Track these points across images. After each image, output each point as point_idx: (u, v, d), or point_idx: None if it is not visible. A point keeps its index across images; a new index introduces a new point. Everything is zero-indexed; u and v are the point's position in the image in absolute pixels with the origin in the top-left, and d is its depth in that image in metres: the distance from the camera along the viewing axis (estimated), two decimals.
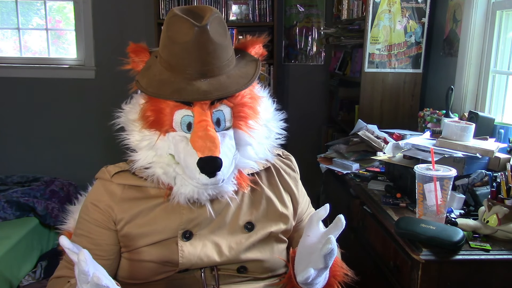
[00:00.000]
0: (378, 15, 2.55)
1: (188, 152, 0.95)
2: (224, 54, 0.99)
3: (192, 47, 0.94)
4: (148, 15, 3.52)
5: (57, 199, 2.92)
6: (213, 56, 0.96)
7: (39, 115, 3.76)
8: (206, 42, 0.94)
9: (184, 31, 0.94)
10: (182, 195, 1.00)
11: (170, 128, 1.00)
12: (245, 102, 1.03)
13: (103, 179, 1.08)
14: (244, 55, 1.09)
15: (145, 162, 1.03)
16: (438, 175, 1.29)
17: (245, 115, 1.03)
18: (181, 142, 0.98)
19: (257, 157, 1.08)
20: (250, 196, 1.11)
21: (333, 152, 2.17)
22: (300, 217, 1.22)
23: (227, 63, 0.99)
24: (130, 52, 1.05)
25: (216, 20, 0.98)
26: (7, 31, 3.78)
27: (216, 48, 0.96)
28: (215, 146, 0.94)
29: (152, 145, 1.01)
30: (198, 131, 0.95)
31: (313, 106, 3.85)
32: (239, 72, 1.02)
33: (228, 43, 1.00)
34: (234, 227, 1.07)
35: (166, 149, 1.01)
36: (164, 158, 1.01)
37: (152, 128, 1.01)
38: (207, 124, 0.96)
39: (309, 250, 0.96)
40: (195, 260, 1.02)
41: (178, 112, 0.99)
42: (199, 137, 0.95)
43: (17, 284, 2.40)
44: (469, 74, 2.29)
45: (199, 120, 0.96)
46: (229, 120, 1.02)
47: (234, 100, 1.02)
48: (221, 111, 1.00)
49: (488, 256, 1.23)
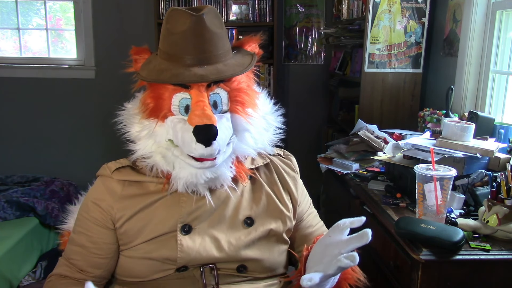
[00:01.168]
0: (378, 15, 2.55)
1: (185, 129, 0.98)
2: (221, 43, 1.02)
3: (189, 34, 0.98)
4: (148, 15, 3.52)
5: (57, 199, 2.92)
6: (210, 44, 0.99)
7: (39, 115, 3.75)
8: (202, 29, 0.98)
9: (181, 20, 0.99)
10: (181, 180, 1.01)
11: (168, 112, 1.02)
12: (241, 88, 1.06)
13: (104, 176, 1.10)
14: (240, 50, 1.12)
15: (144, 151, 1.05)
16: (438, 175, 1.29)
17: (242, 100, 1.06)
18: (179, 123, 1.00)
19: (255, 145, 1.10)
20: (250, 191, 1.12)
21: (333, 152, 2.17)
22: (301, 217, 1.21)
23: (223, 53, 1.02)
24: (133, 54, 1.08)
25: (212, 12, 1.02)
26: (7, 31, 3.78)
27: (213, 36, 1.00)
28: (211, 121, 0.96)
29: (151, 133, 1.04)
30: (195, 110, 0.98)
31: (313, 106, 3.85)
32: (235, 62, 1.05)
33: (224, 34, 1.04)
34: (234, 222, 1.08)
35: (164, 135, 1.03)
36: (163, 144, 1.03)
37: (151, 116, 1.04)
38: (204, 104, 0.98)
39: (325, 251, 0.95)
40: (194, 254, 1.03)
41: (176, 96, 1.01)
42: (196, 115, 0.97)
43: (17, 284, 2.40)
44: (469, 74, 2.29)
45: (196, 101, 0.99)
46: (226, 104, 1.04)
47: (231, 85, 1.04)
48: (217, 94, 1.02)
49: (488, 256, 1.23)
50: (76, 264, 1.08)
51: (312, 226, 1.24)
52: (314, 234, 1.23)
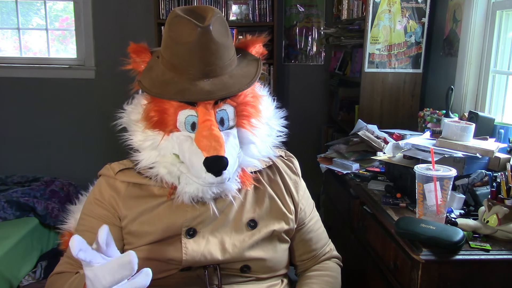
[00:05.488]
0: (378, 15, 2.55)
1: (193, 151, 0.96)
2: (226, 54, 0.99)
3: (195, 47, 0.95)
4: (148, 15, 3.52)
5: (57, 199, 2.92)
6: (216, 56, 0.97)
7: (39, 115, 3.75)
8: (208, 42, 0.95)
9: (186, 31, 0.95)
10: (187, 194, 1.00)
11: (174, 128, 1.00)
12: (247, 101, 1.04)
13: (107, 176, 1.09)
14: (245, 54, 1.09)
15: (148, 162, 1.04)
16: (438, 175, 1.29)
17: (248, 114, 1.04)
18: (186, 142, 0.98)
19: (260, 155, 1.09)
20: (253, 194, 1.12)
21: (333, 152, 2.17)
22: (302, 221, 1.21)
23: (229, 63, 1.00)
24: (131, 52, 1.06)
25: (218, 20, 0.98)
26: (7, 31, 3.78)
27: (219, 48, 0.97)
28: (220, 145, 0.94)
29: (155, 145, 1.02)
30: (203, 130, 0.96)
31: (313, 106, 3.85)
32: (241, 71, 1.02)
33: (230, 43, 1.01)
34: (238, 225, 1.08)
35: (170, 149, 1.01)
36: (168, 157, 1.02)
37: (155, 128, 1.02)
38: (211, 124, 0.96)
39: None
40: (199, 257, 1.03)
41: (182, 112, 0.99)
42: (204, 137, 0.95)
43: (17, 284, 2.40)
44: (469, 74, 2.29)
45: (203, 120, 0.97)
46: (233, 119, 1.03)
47: (237, 100, 1.03)
48: (224, 111, 1.01)
49: (488, 256, 1.23)
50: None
51: (314, 231, 1.24)
52: (314, 239, 1.23)
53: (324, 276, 1.20)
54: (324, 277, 1.20)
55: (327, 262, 1.26)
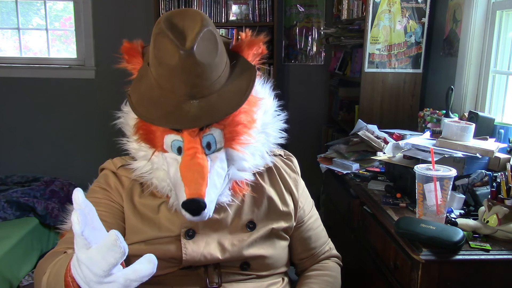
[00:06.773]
0: (378, 15, 2.55)
1: (177, 182, 0.94)
2: (214, 73, 0.94)
3: (178, 71, 0.90)
4: (148, 15, 3.52)
5: (57, 199, 2.92)
6: (202, 78, 0.92)
7: (39, 115, 3.75)
8: (192, 65, 0.90)
9: (170, 53, 0.90)
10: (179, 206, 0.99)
11: (162, 149, 0.99)
12: (237, 121, 0.99)
13: (110, 170, 1.10)
14: (240, 61, 1.03)
15: (143, 171, 1.05)
16: (438, 175, 1.29)
17: (238, 133, 1.00)
18: (172, 166, 0.97)
19: (252, 167, 1.07)
20: (252, 196, 1.12)
21: (333, 152, 2.17)
22: (301, 220, 1.21)
23: (218, 80, 0.95)
24: (124, 53, 1.05)
25: (205, 36, 0.91)
26: (7, 31, 3.78)
27: (204, 70, 0.91)
28: (202, 178, 0.92)
29: (148, 158, 1.02)
30: (187, 159, 0.93)
31: (313, 106, 3.85)
32: (232, 87, 0.97)
33: (218, 60, 0.95)
34: (236, 226, 1.08)
35: (161, 164, 1.01)
36: (160, 172, 1.02)
37: (146, 144, 1.02)
38: (195, 152, 0.93)
39: None
40: (199, 257, 1.04)
41: (168, 136, 0.97)
42: (188, 168, 0.92)
43: (17, 284, 2.40)
44: (469, 74, 2.29)
45: (188, 148, 0.94)
46: (220, 142, 0.98)
47: (225, 122, 0.97)
48: (211, 135, 0.96)
49: (488, 256, 1.23)
50: None
51: (313, 229, 1.24)
52: (313, 238, 1.24)
53: (324, 276, 1.20)
54: (324, 277, 1.20)
55: (327, 261, 1.26)
